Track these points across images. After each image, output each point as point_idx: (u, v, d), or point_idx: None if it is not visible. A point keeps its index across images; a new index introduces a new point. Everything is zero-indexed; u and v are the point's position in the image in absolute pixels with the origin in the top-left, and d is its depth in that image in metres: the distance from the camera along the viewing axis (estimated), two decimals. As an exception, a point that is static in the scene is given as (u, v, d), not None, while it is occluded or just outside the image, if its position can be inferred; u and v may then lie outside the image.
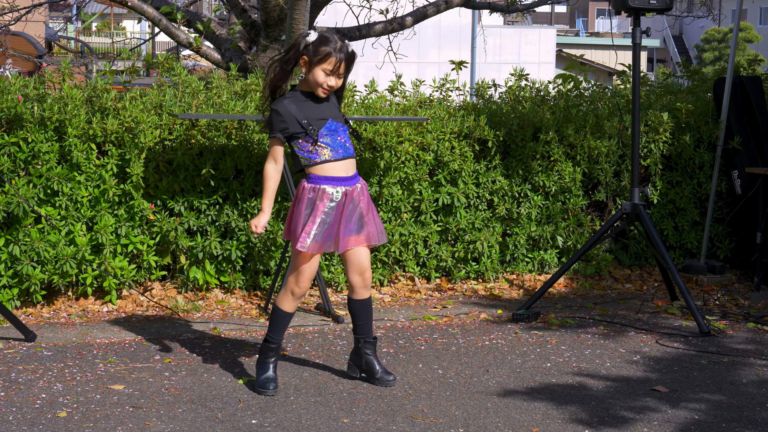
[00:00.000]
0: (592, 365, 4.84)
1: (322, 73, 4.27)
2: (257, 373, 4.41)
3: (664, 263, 5.80)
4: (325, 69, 4.26)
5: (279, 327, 4.42)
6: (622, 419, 4.10)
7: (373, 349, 4.51)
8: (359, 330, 4.50)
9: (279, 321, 4.42)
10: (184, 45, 8.49)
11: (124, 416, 4.04)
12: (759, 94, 7.00)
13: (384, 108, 6.40)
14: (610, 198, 6.97)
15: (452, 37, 23.48)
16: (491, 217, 6.57)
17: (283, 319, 4.42)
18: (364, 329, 4.49)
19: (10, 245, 5.52)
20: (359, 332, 4.50)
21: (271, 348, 4.42)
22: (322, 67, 4.26)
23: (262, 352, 4.43)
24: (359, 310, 4.47)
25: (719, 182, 7.00)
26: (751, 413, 4.19)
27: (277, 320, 4.42)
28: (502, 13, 10.98)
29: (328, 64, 4.25)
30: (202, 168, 5.84)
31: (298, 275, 4.34)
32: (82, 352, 4.90)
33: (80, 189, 5.67)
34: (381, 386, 4.44)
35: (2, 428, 3.89)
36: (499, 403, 4.27)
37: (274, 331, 4.42)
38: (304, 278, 4.34)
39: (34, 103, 5.66)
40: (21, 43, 16.82)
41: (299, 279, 4.34)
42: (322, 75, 4.27)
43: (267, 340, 4.42)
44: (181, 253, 5.93)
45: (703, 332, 5.40)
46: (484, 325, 5.59)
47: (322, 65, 4.26)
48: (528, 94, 6.93)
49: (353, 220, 4.35)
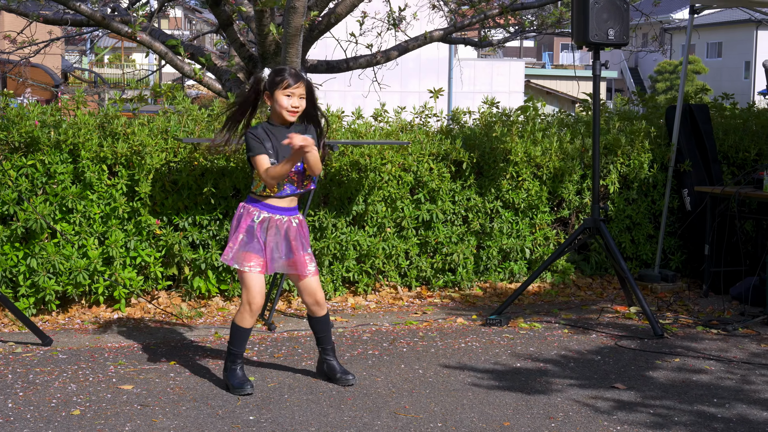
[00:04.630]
0: (558, 365, 4.84)
1: (284, 97, 4.25)
2: (229, 380, 4.34)
3: (622, 273, 5.81)
4: (284, 93, 4.25)
5: (240, 340, 4.38)
6: (585, 413, 4.10)
7: (333, 354, 4.52)
8: (321, 341, 4.51)
9: (240, 336, 4.37)
10: (188, 76, 8.48)
11: (133, 414, 4.02)
12: (706, 121, 7.04)
13: (369, 133, 6.40)
14: (573, 214, 6.98)
15: (431, 69, 23.53)
16: (466, 232, 6.57)
17: (243, 334, 4.37)
18: (324, 340, 4.50)
19: (28, 258, 5.49)
20: (321, 343, 4.52)
21: (237, 357, 4.38)
22: (281, 92, 4.24)
23: (229, 361, 4.38)
24: (318, 326, 4.47)
25: (671, 200, 7.03)
26: (701, 407, 4.20)
27: (238, 335, 4.36)
28: (476, 48, 11.02)
29: (285, 86, 4.24)
30: (203, 187, 5.83)
31: (246, 291, 4.29)
32: (94, 355, 4.87)
33: (93, 206, 5.64)
34: (342, 385, 4.43)
35: (21, 425, 3.85)
36: (474, 399, 4.26)
37: (236, 344, 4.37)
38: (254, 294, 4.27)
39: (51, 128, 5.64)
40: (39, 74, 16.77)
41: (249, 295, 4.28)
42: (285, 99, 4.25)
43: (232, 353, 4.38)
44: (185, 265, 5.90)
45: (657, 335, 5.41)
46: (461, 329, 5.58)
47: (281, 90, 4.24)
48: (498, 120, 6.95)
49: (280, 249, 4.29)
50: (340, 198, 6.18)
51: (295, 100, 4.26)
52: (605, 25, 5.65)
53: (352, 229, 6.21)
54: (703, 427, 3.95)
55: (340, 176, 6.15)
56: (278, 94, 4.25)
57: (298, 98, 4.27)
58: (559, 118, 7.31)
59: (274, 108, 4.29)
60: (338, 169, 6.15)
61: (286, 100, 4.25)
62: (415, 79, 22.82)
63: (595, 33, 5.62)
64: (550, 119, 7.25)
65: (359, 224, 6.31)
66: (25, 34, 10.44)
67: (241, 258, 4.26)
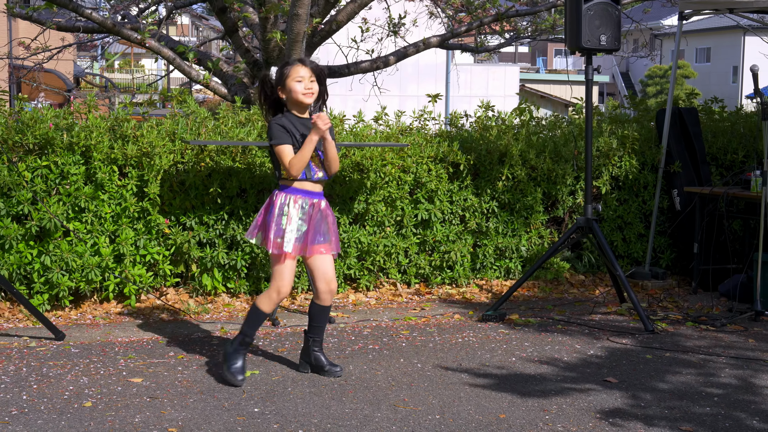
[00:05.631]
0: (552, 359, 4.84)
1: (295, 83, 4.20)
2: (229, 360, 4.28)
3: (614, 270, 5.81)
4: (295, 78, 4.20)
5: (254, 325, 4.33)
6: (578, 406, 4.10)
7: (320, 347, 4.44)
8: (313, 330, 4.40)
9: (256, 319, 4.31)
10: (195, 81, 8.49)
11: (143, 405, 4.02)
12: (695, 123, 7.04)
13: (370, 135, 6.40)
14: (567, 214, 6.98)
15: (429, 74, 23.53)
16: (463, 231, 6.58)
17: (260, 317, 4.32)
18: (318, 330, 4.40)
19: (42, 256, 5.50)
20: (313, 332, 4.40)
21: (246, 342, 4.32)
22: (292, 79, 4.20)
23: (237, 343, 4.30)
24: (319, 313, 4.38)
25: (661, 200, 7.03)
26: (690, 401, 4.21)
27: (255, 318, 4.31)
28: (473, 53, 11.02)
29: (295, 73, 4.20)
30: (210, 187, 5.83)
31: (280, 277, 4.25)
32: (105, 350, 4.88)
33: (104, 206, 5.65)
34: (330, 377, 4.36)
35: (35, 416, 3.86)
36: (470, 392, 4.27)
37: (250, 326, 4.31)
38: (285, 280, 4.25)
39: (64, 131, 5.64)
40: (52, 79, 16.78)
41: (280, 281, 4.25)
42: (297, 84, 4.20)
43: (244, 334, 4.31)
44: (192, 263, 5.91)
45: (648, 330, 5.41)
46: (458, 324, 5.58)
47: (291, 77, 4.20)
48: (494, 123, 6.96)
49: (321, 231, 4.27)
50: (342, 197, 6.19)
51: (307, 83, 4.21)
52: (597, 32, 5.65)
53: (353, 228, 6.22)
54: (692, 419, 3.96)
55: (342, 176, 6.16)
56: (290, 83, 4.21)
57: (309, 81, 4.22)
58: (552, 121, 7.31)
59: (290, 98, 4.23)
60: (341, 169, 6.16)
61: (299, 85, 4.20)
62: (413, 84, 22.82)
63: (587, 39, 5.62)
64: (544, 122, 7.25)
65: (360, 223, 6.31)
66: (38, 40, 10.45)
67: (284, 245, 4.17)
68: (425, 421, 3.88)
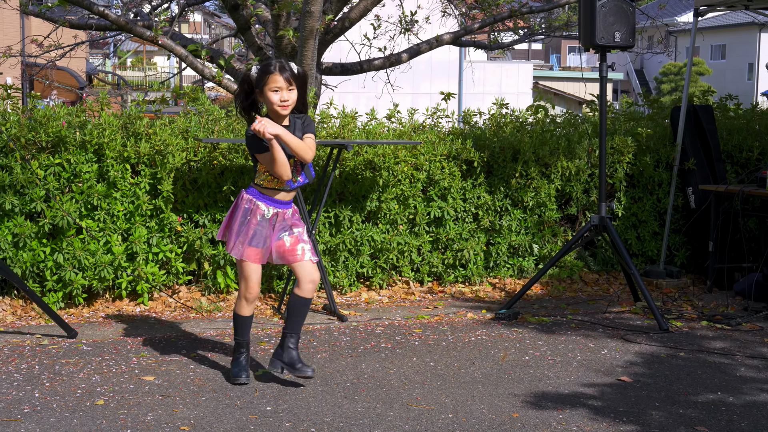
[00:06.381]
0: (565, 358, 4.82)
1: (272, 93, 4.11)
2: (231, 367, 4.37)
3: (628, 269, 5.79)
4: (272, 88, 4.10)
5: (241, 328, 4.35)
6: (592, 406, 4.08)
7: (296, 344, 4.30)
8: (291, 326, 4.27)
9: (240, 324, 4.34)
10: (208, 78, 8.50)
11: (155, 404, 4.03)
12: (710, 121, 7.01)
13: (383, 133, 6.39)
14: (581, 211, 6.96)
15: (442, 71, 23.50)
16: (476, 229, 6.56)
17: (243, 322, 4.33)
18: (295, 326, 4.28)
19: (55, 254, 5.51)
20: (290, 328, 4.27)
21: (239, 347, 4.37)
22: (269, 88, 4.10)
23: (234, 350, 4.40)
24: (299, 307, 4.23)
25: (676, 198, 6.99)
26: (706, 400, 4.18)
27: (238, 324, 4.34)
28: (486, 50, 10.99)
29: (272, 83, 4.09)
30: (223, 185, 5.84)
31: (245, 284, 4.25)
32: (117, 348, 4.89)
33: (116, 204, 5.67)
34: (300, 375, 4.25)
35: (47, 414, 3.87)
36: (483, 391, 4.26)
37: (238, 333, 4.36)
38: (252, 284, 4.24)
39: (76, 128, 5.66)
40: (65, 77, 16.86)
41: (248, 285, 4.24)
42: (273, 95, 4.10)
43: (236, 341, 4.38)
44: (204, 260, 5.92)
45: (662, 329, 5.39)
46: (471, 323, 5.57)
47: (269, 86, 4.10)
48: (508, 121, 6.94)
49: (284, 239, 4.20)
50: (355, 195, 6.19)
51: (284, 94, 4.10)
52: (612, 28, 5.62)
53: (366, 225, 6.22)
54: (707, 420, 3.93)
55: (355, 174, 6.16)
56: (266, 91, 4.11)
57: (286, 91, 4.10)
58: (567, 119, 7.28)
59: (267, 105, 4.16)
60: (353, 167, 6.15)
61: (275, 96, 4.10)
62: (426, 81, 22.80)
63: (601, 36, 5.60)
64: (558, 119, 7.23)
65: (373, 221, 6.31)
66: (51, 38, 10.50)
67: (246, 251, 4.18)
68: (438, 420, 3.87)
